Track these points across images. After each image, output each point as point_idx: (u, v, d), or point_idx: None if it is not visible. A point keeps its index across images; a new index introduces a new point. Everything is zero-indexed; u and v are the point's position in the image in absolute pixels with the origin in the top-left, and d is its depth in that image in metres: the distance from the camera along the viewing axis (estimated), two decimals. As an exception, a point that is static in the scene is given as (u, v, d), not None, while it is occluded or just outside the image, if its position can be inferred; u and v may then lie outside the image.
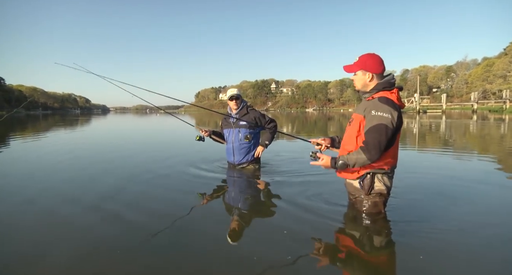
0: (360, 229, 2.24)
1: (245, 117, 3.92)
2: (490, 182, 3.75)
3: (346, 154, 2.17)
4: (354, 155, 2.11)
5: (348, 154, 2.16)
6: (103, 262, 1.85)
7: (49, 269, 1.79)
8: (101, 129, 16.74)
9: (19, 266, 1.82)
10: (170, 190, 3.42)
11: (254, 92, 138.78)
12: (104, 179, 3.89)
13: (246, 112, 3.93)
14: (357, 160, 2.10)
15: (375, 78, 2.22)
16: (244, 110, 3.95)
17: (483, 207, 2.82)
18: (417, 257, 1.87)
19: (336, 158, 2.19)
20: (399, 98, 2.19)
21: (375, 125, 2.07)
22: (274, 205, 2.90)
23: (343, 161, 2.14)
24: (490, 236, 2.17)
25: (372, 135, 2.07)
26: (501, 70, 62.34)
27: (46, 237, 2.21)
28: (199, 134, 4.04)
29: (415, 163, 5.13)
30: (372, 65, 2.21)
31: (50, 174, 4.37)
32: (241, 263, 1.83)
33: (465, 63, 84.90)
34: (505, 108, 36.79)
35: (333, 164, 2.19)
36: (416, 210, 2.70)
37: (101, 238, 2.17)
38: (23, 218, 2.59)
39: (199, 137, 4.05)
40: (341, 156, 2.19)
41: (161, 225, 2.38)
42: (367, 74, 2.22)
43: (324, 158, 2.23)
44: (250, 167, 4.06)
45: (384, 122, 2.06)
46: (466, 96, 67.96)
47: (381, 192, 2.25)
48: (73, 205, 2.90)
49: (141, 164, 4.98)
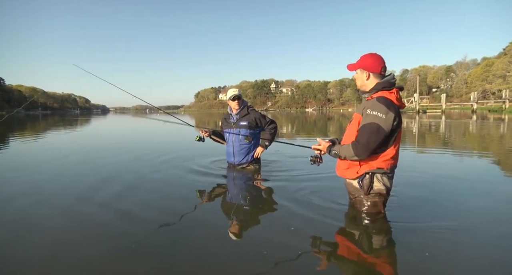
0: (360, 229, 2.25)
1: (246, 117, 3.92)
2: (491, 181, 3.76)
3: (341, 145, 2.28)
4: (345, 148, 2.21)
5: (341, 146, 2.26)
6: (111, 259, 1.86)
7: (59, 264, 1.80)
8: (102, 129, 16.74)
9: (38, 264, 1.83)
10: (171, 191, 3.43)
11: (253, 92, 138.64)
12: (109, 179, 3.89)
13: (247, 113, 3.94)
14: (346, 153, 2.20)
15: (372, 77, 2.23)
16: (245, 111, 3.95)
17: (484, 206, 2.83)
18: (417, 257, 1.88)
19: (331, 147, 2.32)
20: (399, 98, 2.19)
21: (367, 124, 2.10)
22: (274, 204, 2.91)
23: (336, 152, 2.27)
24: (491, 236, 2.17)
25: (363, 134, 2.12)
26: (501, 70, 62.37)
27: (63, 234, 2.24)
28: (199, 134, 4.05)
29: (414, 162, 5.13)
30: (370, 64, 2.23)
31: (61, 173, 4.37)
32: (239, 261, 1.84)
33: (464, 63, 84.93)
34: (504, 108, 36.81)
35: (328, 151, 2.34)
36: (416, 210, 2.70)
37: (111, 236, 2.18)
38: (41, 217, 2.60)
39: (199, 137, 4.05)
40: (336, 145, 2.32)
41: (166, 222, 2.40)
42: (364, 72, 2.25)
43: (322, 143, 2.40)
44: (251, 168, 4.06)
45: (377, 121, 2.07)
46: (466, 96, 67.94)
47: (380, 192, 2.26)
48: (88, 203, 2.94)
49: (134, 164, 4.98)
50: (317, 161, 2.48)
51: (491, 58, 72.33)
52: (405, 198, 2.94)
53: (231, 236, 2.18)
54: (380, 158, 2.18)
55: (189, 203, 2.96)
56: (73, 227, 2.40)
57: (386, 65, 2.26)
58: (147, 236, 2.18)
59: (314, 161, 2.49)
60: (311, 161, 2.50)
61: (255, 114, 3.95)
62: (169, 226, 2.38)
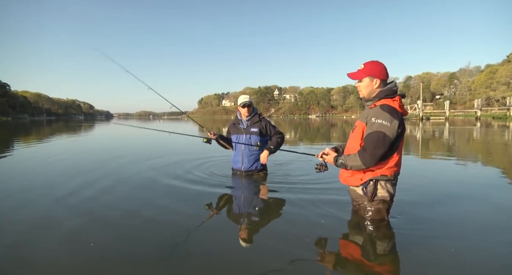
0: (363, 236, 2.24)
1: (257, 124, 3.95)
2: (496, 188, 3.74)
3: (347, 155, 2.26)
4: (352, 157, 2.20)
5: (348, 156, 2.24)
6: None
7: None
8: (108, 135, 16.85)
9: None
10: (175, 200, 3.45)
11: (257, 98, 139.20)
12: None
13: (258, 120, 3.97)
14: (353, 163, 2.19)
15: (381, 84, 2.25)
16: (256, 118, 3.99)
17: (489, 213, 2.81)
18: (421, 264, 1.87)
19: (338, 157, 2.32)
20: (402, 105, 2.22)
21: (373, 132, 2.11)
22: (280, 211, 2.92)
23: (342, 161, 2.26)
24: (496, 243, 2.16)
25: (369, 143, 2.12)
26: (505, 77, 62.31)
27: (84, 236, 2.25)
28: (207, 136, 4.07)
29: (418, 169, 5.11)
30: (379, 71, 2.24)
31: (84, 178, 4.41)
32: (243, 269, 1.85)
33: (468, 70, 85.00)
34: (509, 115, 36.66)
35: (335, 161, 2.33)
36: (420, 217, 2.69)
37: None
38: (69, 218, 2.64)
39: (206, 139, 4.05)
40: (343, 155, 2.30)
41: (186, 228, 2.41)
42: (374, 80, 2.24)
43: (330, 153, 2.40)
44: (258, 175, 4.06)
45: (383, 130, 2.09)
46: (469, 103, 67.85)
47: (384, 199, 2.26)
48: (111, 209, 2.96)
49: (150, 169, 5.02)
50: (322, 169, 2.52)
51: (494, 65, 72.36)
52: (409, 205, 2.93)
53: (241, 242, 2.19)
54: (384, 165, 2.19)
55: (195, 217, 2.95)
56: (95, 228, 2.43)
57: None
58: (163, 241, 2.20)
59: (319, 169, 2.53)
60: (317, 169, 2.54)
61: (266, 122, 3.99)
62: (188, 232, 2.40)
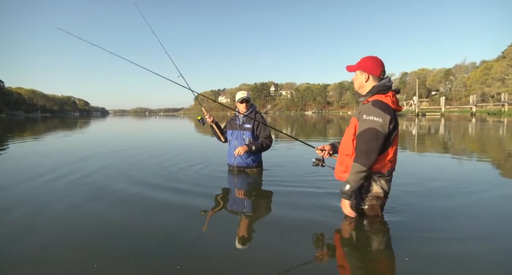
0: (357, 232, 2.24)
1: (251, 121, 3.93)
2: (490, 184, 3.75)
3: (347, 176, 2.18)
4: (352, 168, 2.13)
5: (350, 171, 2.16)
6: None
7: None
8: (108, 132, 16.74)
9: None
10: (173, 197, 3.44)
11: (253, 95, 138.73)
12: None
13: (254, 117, 3.95)
14: (355, 170, 2.10)
15: (371, 79, 2.23)
16: (252, 115, 3.96)
17: (483, 210, 2.82)
18: (415, 260, 1.86)
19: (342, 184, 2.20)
20: (395, 101, 2.19)
21: (365, 130, 2.09)
22: (275, 208, 2.91)
23: (345, 182, 2.16)
24: (491, 240, 2.16)
25: (362, 141, 2.10)
26: (500, 73, 62.71)
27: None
28: (202, 116, 4.07)
29: (413, 165, 5.13)
30: (369, 65, 2.23)
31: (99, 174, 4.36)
32: (243, 268, 1.84)
33: (463, 66, 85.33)
34: (503, 111, 36.90)
35: (344, 186, 2.17)
36: (415, 213, 2.69)
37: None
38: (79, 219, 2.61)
39: (201, 117, 4.08)
40: (343, 182, 2.20)
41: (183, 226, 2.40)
42: (364, 74, 2.24)
43: (342, 201, 2.20)
44: (253, 171, 4.05)
45: (374, 126, 2.07)
46: (465, 99, 68.18)
47: (378, 195, 2.25)
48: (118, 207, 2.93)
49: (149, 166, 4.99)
50: (320, 164, 2.51)
51: (490, 61, 72.80)
52: (404, 201, 2.93)
53: (239, 244, 2.15)
54: (378, 161, 2.16)
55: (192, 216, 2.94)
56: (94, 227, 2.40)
57: (385, 70, 2.26)
58: (158, 240, 2.19)
59: (317, 163, 2.52)
60: (314, 164, 2.53)
61: (260, 121, 3.92)
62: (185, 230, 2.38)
